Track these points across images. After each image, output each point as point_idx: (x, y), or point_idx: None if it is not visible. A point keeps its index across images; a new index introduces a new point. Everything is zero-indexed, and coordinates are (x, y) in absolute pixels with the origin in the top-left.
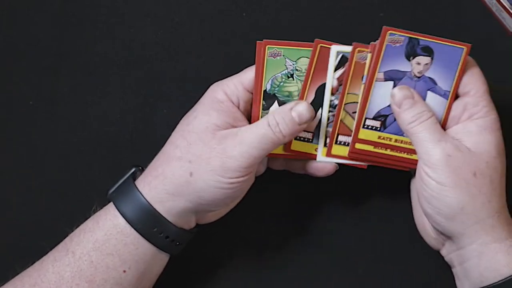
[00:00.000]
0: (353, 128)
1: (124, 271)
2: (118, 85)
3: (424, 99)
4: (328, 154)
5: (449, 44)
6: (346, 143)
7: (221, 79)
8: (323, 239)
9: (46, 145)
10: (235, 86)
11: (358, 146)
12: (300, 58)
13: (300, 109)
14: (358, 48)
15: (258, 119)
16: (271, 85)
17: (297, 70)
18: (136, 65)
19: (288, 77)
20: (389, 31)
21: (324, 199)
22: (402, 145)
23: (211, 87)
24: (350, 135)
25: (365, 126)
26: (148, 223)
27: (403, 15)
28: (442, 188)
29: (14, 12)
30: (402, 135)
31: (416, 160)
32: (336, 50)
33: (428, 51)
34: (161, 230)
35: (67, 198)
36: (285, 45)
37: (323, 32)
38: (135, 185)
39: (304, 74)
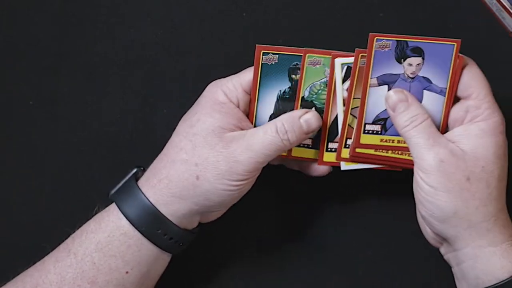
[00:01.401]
0: (354, 134)
1: (127, 272)
2: (118, 85)
3: (421, 99)
4: (338, 157)
5: (439, 42)
6: None
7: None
8: (322, 239)
9: (46, 145)
10: (234, 87)
11: (358, 150)
12: None
13: (309, 117)
14: (361, 54)
15: (253, 120)
16: (309, 92)
17: None
18: (136, 65)
19: (327, 85)
20: (376, 37)
21: (323, 199)
22: (404, 145)
23: (209, 87)
24: None
25: (366, 131)
26: (152, 225)
27: (403, 15)
28: (435, 192)
29: (14, 12)
30: None
31: None
32: (340, 62)
33: (418, 52)
34: (165, 232)
35: (67, 198)
36: (326, 54)
37: (323, 32)
38: (138, 186)
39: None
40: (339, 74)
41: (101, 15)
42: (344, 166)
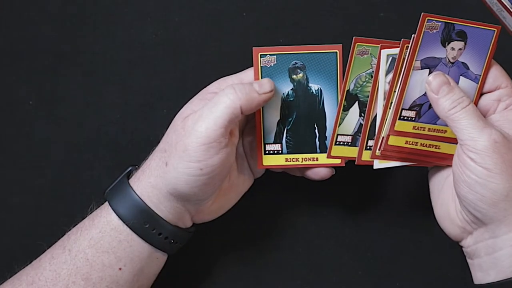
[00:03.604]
0: (388, 121)
1: (120, 269)
2: (118, 85)
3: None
4: (373, 155)
5: (481, 27)
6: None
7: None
8: (322, 240)
9: (46, 145)
10: (232, 82)
11: (391, 141)
12: None
13: (262, 80)
14: (406, 45)
15: (260, 122)
16: (355, 84)
17: None
18: (136, 65)
19: (372, 77)
20: (427, 17)
21: (323, 200)
22: (435, 133)
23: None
24: None
25: (402, 117)
26: (140, 219)
27: (403, 15)
28: (489, 174)
29: (14, 12)
30: (435, 123)
31: (447, 155)
32: (386, 53)
33: (462, 36)
34: (153, 227)
35: (67, 198)
36: (374, 43)
37: (323, 32)
38: (128, 182)
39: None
40: (383, 66)
41: (101, 15)
42: (377, 164)
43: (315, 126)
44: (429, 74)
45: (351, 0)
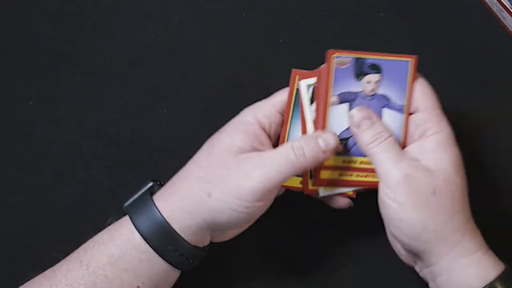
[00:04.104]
0: None
1: (138, 287)
2: (118, 85)
3: (380, 117)
4: (315, 182)
5: (395, 58)
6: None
7: (221, 79)
8: (322, 240)
9: (46, 145)
10: (267, 109)
11: (323, 175)
12: None
13: (326, 136)
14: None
15: (284, 141)
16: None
17: None
18: (136, 65)
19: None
20: (334, 54)
21: (325, 210)
22: (368, 166)
23: (243, 110)
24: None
25: None
26: (164, 241)
27: (403, 15)
28: (403, 209)
29: (14, 12)
30: (365, 156)
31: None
32: (306, 84)
33: (376, 68)
34: (176, 248)
35: (67, 198)
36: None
37: (323, 32)
38: (152, 200)
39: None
40: (305, 97)
41: (101, 15)
42: (323, 191)
43: None
44: (349, 107)
45: (351, 0)
